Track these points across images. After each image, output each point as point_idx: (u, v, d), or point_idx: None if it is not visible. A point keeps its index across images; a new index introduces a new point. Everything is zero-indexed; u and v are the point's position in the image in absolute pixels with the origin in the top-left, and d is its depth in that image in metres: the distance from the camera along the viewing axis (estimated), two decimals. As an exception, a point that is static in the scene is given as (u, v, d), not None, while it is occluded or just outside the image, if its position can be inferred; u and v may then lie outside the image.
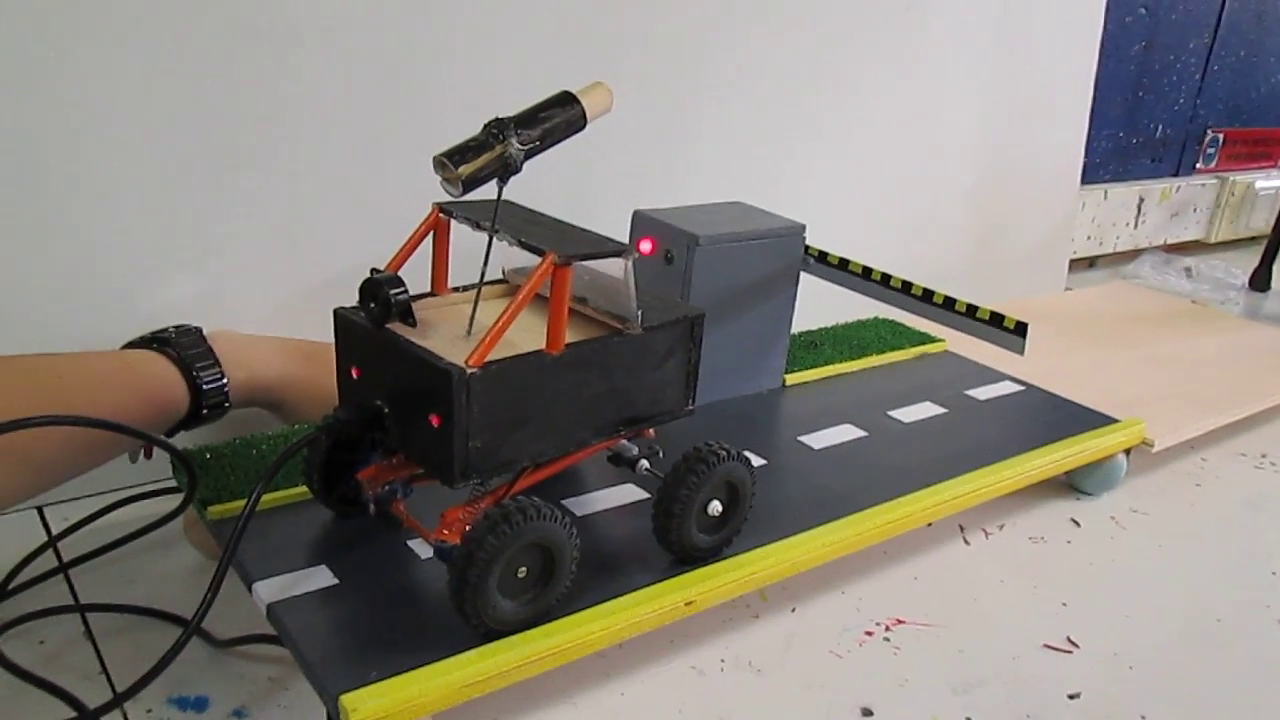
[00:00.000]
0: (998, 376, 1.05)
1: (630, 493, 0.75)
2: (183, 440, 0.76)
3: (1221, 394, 1.12)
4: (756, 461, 0.81)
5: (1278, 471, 1.05)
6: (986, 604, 0.78)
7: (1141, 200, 1.81)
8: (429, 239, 0.64)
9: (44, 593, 0.71)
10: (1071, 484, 0.97)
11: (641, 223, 0.89)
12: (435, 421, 0.56)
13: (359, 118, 0.88)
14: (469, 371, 0.54)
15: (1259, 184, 1.99)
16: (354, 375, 0.62)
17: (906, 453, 0.86)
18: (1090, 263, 1.83)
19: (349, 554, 0.65)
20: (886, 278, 0.89)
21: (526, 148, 0.58)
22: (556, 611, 0.60)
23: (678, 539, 0.65)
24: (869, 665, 0.70)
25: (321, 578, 0.63)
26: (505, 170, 0.57)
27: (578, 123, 0.60)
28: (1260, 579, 0.85)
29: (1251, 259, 1.74)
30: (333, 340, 0.62)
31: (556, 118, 0.59)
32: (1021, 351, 0.81)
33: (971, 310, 0.84)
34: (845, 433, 0.89)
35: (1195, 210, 1.94)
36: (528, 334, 0.61)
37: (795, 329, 0.97)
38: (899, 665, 0.70)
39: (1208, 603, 0.81)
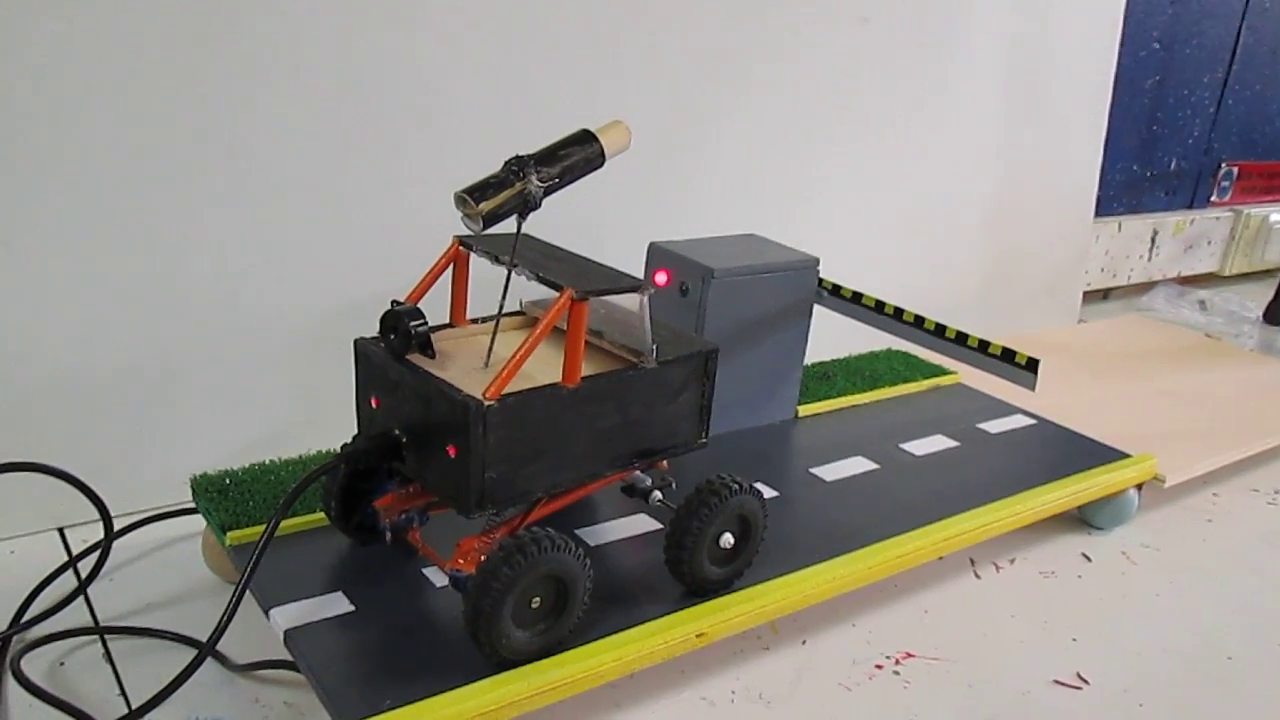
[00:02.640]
0: (1010, 410, 1.05)
1: (642, 523, 0.76)
2: (202, 465, 0.77)
3: (1234, 429, 1.12)
4: (768, 493, 0.82)
5: (1291, 508, 1.05)
6: (997, 638, 0.78)
7: (1155, 233, 1.82)
8: (443, 272, 0.65)
9: (65, 612, 0.72)
10: (1083, 518, 0.97)
11: (657, 255, 0.90)
12: (453, 452, 0.57)
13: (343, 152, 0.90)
14: (486, 404, 0.55)
15: (1273, 217, 1.99)
16: (373, 405, 0.63)
17: (918, 486, 0.86)
18: (1104, 294, 1.83)
19: (365, 581, 0.66)
20: (899, 312, 0.90)
21: (546, 185, 0.59)
22: (568, 642, 0.61)
23: (690, 571, 0.65)
24: (878, 699, 0.70)
25: (338, 605, 0.63)
26: (524, 206, 0.59)
27: (596, 160, 0.62)
28: (1272, 616, 0.85)
29: (1266, 292, 1.74)
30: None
31: (575, 155, 0.61)
32: (1033, 388, 0.82)
33: (983, 346, 0.85)
34: (857, 465, 0.89)
35: (1209, 243, 1.94)
36: (544, 366, 0.63)
37: (808, 360, 0.98)
38: (908, 699, 0.70)
39: (1219, 640, 0.81)
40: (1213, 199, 1.95)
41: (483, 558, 0.57)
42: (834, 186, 1.24)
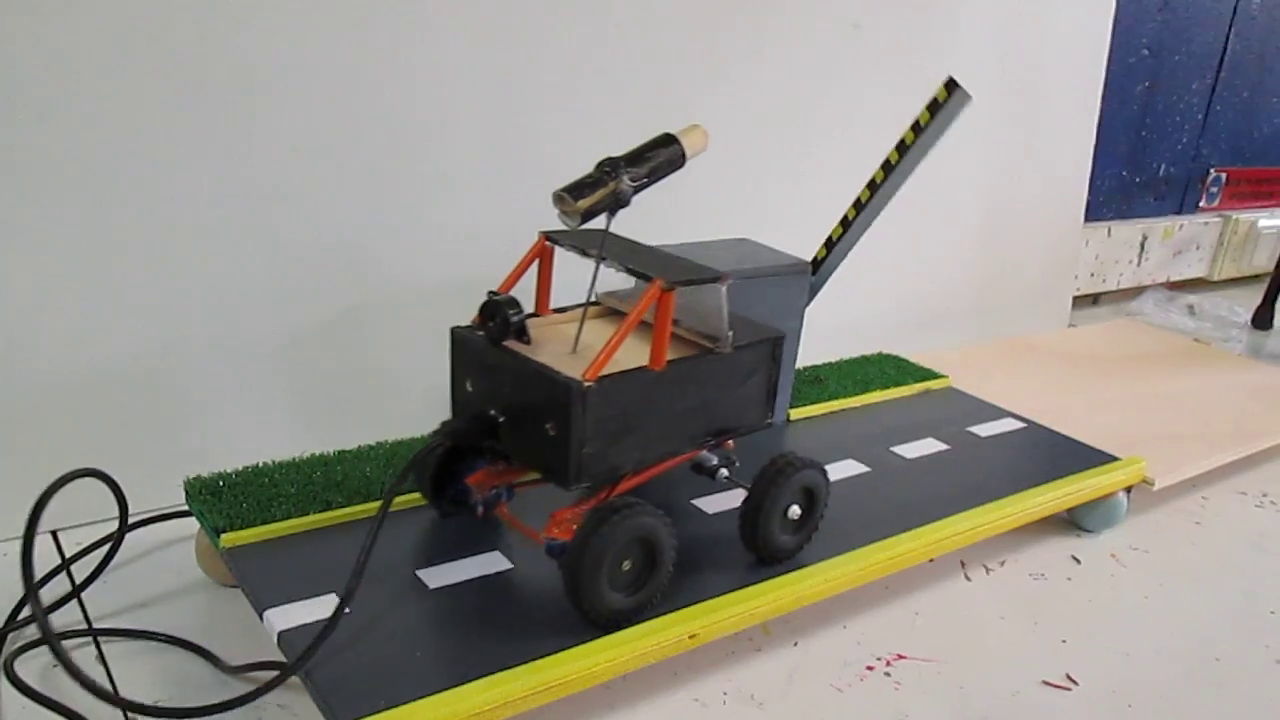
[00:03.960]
0: (1000, 413, 1.06)
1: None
2: (196, 468, 0.77)
3: (1223, 433, 1.13)
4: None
5: (1278, 511, 1.05)
6: (987, 640, 0.79)
7: (1145, 238, 1.83)
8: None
9: (58, 615, 0.72)
10: (1072, 521, 0.97)
11: (649, 258, 0.91)
12: (552, 429, 0.61)
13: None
14: (586, 384, 0.59)
15: (1262, 223, 2.01)
16: (468, 388, 0.68)
17: (909, 489, 0.87)
18: (1094, 299, 1.84)
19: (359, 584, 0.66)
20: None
21: (635, 184, 0.65)
22: (560, 644, 0.62)
23: (763, 540, 0.71)
24: (870, 700, 0.71)
25: (331, 606, 0.64)
26: (616, 204, 0.64)
27: (678, 161, 0.67)
28: (1260, 618, 0.85)
29: (1254, 297, 1.75)
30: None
31: (660, 157, 0.66)
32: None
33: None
34: (848, 468, 0.90)
35: (1198, 248, 1.96)
36: (623, 351, 0.67)
37: (799, 364, 0.98)
38: (900, 700, 0.71)
39: (1207, 641, 0.81)
40: (1201, 204, 1.96)
41: (577, 526, 0.62)
42: (826, 191, 1.24)
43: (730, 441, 0.73)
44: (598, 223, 0.65)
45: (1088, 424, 1.06)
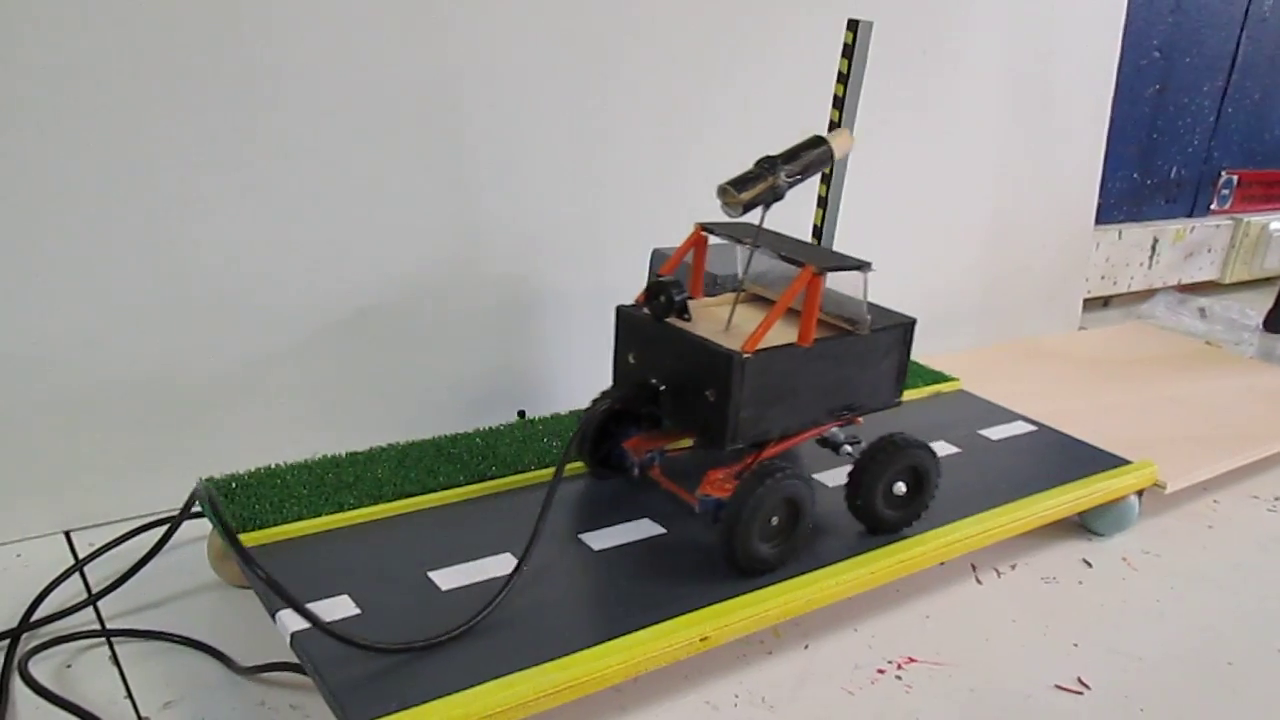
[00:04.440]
0: (1011, 416, 1.06)
1: (646, 528, 0.76)
2: (210, 469, 0.78)
3: (1234, 436, 1.12)
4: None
5: (1291, 515, 1.05)
6: (998, 643, 0.79)
7: (1156, 241, 1.82)
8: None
9: (72, 615, 0.73)
10: (1084, 524, 0.97)
11: (660, 260, 0.91)
12: (712, 396, 0.69)
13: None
14: (745, 356, 0.67)
15: (1273, 225, 2.00)
16: (630, 360, 0.76)
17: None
18: (1105, 302, 1.84)
19: (371, 584, 0.67)
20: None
21: (791, 180, 0.71)
22: (572, 646, 0.62)
23: (866, 510, 0.77)
24: (881, 703, 0.71)
25: (344, 607, 0.64)
26: (773, 197, 0.70)
27: (827, 160, 0.74)
28: (1272, 622, 0.85)
29: (1265, 300, 1.74)
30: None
31: (812, 155, 0.73)
32: None
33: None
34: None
35: (1209, 251, 1.95)
36: (752, 329, 0.73)
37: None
38: (910, 704, 0.71)
39: (1219, 646, 0.81)
40: (1213, 207, 1.95)
41: (729, 485, 0.71)
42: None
43: (860, 419, 0.80)
44: (723, 214, 0.71)
45: (1099, 427, 1.05)
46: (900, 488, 0.77)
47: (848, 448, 0.81)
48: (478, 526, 0.75)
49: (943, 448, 0.96)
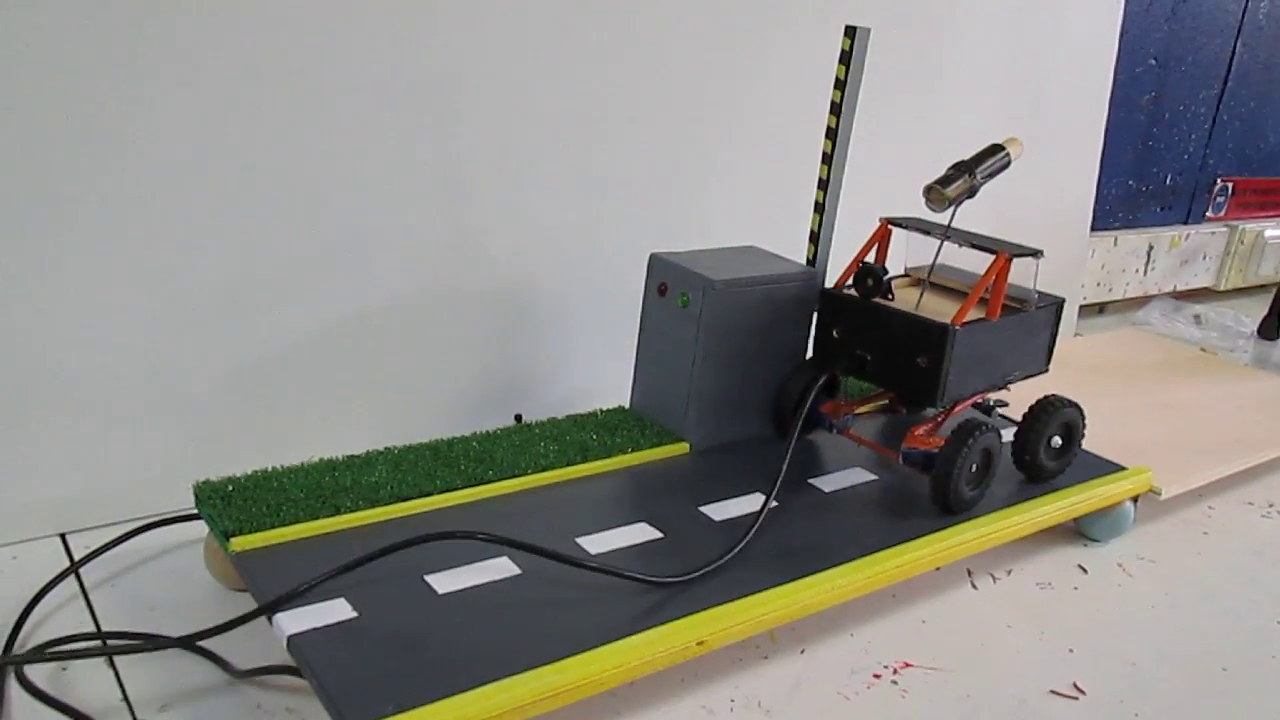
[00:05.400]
0: (1007, 422, 1.06)
1: (641, 532, 0.77)
2: (203, 472, 0.78)
3: (1229, 443, 1.12)
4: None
5: (1285, 521, 1.05)
6: (994, 649, 0.79)
7: (1151, 248, 1.83)
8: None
9: (67, 617, 0.72)
10: (1079, 530, 0.97)
11: (657, 266, 0.91)
12: (924, 362, 0.82)
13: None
14: (955, 327, 0.80)
15: (1268, 233, 2.01)
16: (834, 335, 0.88)
17: (916, 496, 0.87)
18: (1100, 308, 1.84)
19: (367, 588, 0.67)
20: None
21: (983, 180, 0.84)
22: (568, 649, 0.62)
23: (1030, 461, 0.90)
24: (877, 708, 0.71)
25: (340, 610, 0.64)
26: (969, 195, 0.84)
27: (1008, 163, 0.87)
28: (1267, 628, 0.85)
29: (1260, 307, 1.75)
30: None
31: (996, 160, 0.86)
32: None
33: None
34: (855, 476, 0.90)
35: (1205, 258, 1.96)
36: (936, 306, 0.87)
37: (807, 372, 0.98)
38: (906, 708, 0.71)
39: (1214, 651, 0.81)
40: (1208, 214, 1.96)
41: (931, 440, 0.86)
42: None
43: (1009, 386, 0.91)
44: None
45: (1095, 433, 1.05)
46: (1057, 441, 0.92)
47: (998, 410, 0.95)
48: (475, 529, 0.75)
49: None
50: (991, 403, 0.94)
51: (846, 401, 0.94)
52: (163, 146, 0.80)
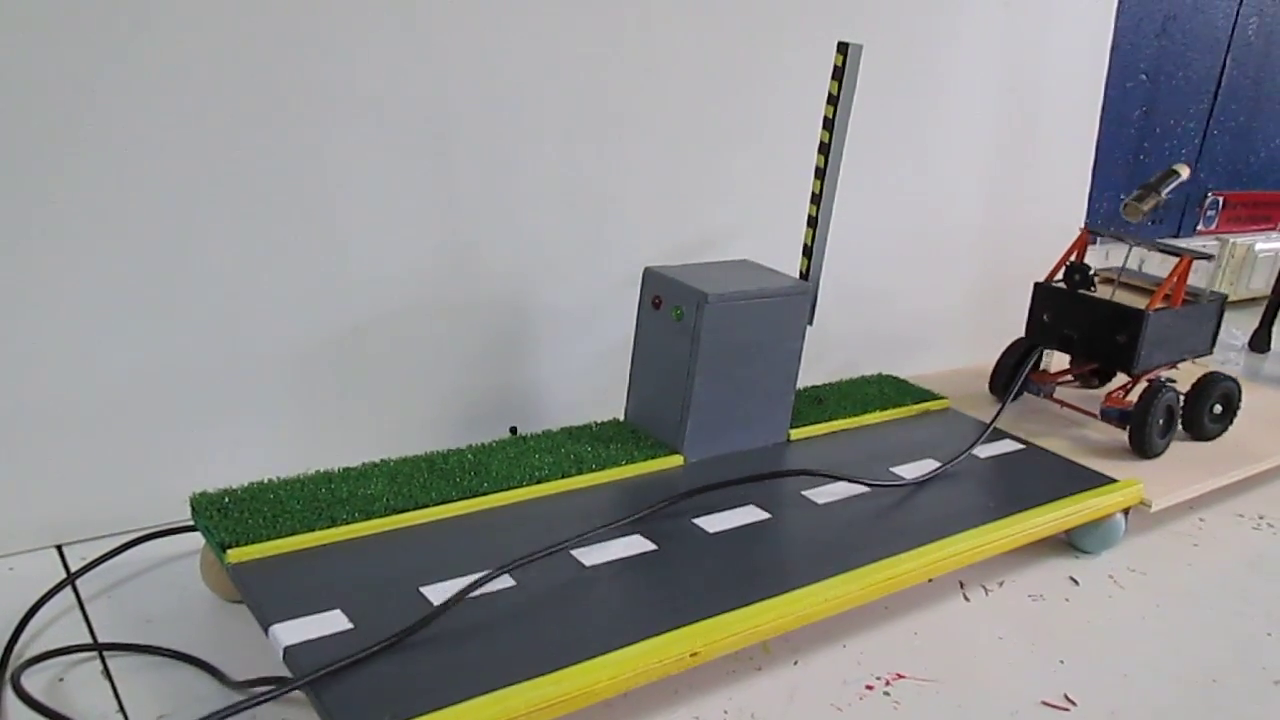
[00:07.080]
0: (999, 435, 1.06)
1: (638, 543, 0.77)
2: (199, 484, 0.78)
3: (1220, 455, 1.13)
4: (760, 516, 0.83)
5: (1275, 533, 1.06)
6: (985, 660, 0.79)
7: (1142, 261, 1.84)
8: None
9: (64, 629, 0.73)
10: (1071, 542, 0.98)
11: (652, 280, 0.92)
12: (1123, 339, 1.08)
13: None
14: (1150, 312, 1.06)
15: (1259, 246, 2.02)
16: (1045, 319, 1.16)
17: (908, 509, 0.88)
18: (1092, 321, 1.85)
19: (362, 599, 0.67)
20: None
21: (1167, 198, 1.13)
22: (564, 660, 0.62)
23: (1195, 425, 1.14)
24: (869, 719, 0.71)
25: (336, 622, 0.64)
26: (1156, 209, 1.14)
27: (1181, 182, 1.14)
28: (1257, 640, 0.86)
29: (1251, 320, 1.76)
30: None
31: (1174, 179, 1.13)
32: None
33: None
34: (848, 488, 0.90)
35: (1195, 271, 1.96)
36: (1126, 296, 1.15)
37: (800, 384, 0.99)
38: (899, 719, 0.71)
39: (1205, 663, 0.82)
40: (1199, 228, 1.97)
41: (1126, 401, 1.12)
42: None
43: (1178, 365, 1.16)
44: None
45: (1086, 446, 1.06)
46: (1217, 409, 1.16)
47: (1168, 385, 1.10)
48: (470, 542, 0.75)
49: (931, 465, 0.97)
50: (1163, 379, 1.13)
51: (1049, 373, 1.24)
52: (155, 166, 0.81)
